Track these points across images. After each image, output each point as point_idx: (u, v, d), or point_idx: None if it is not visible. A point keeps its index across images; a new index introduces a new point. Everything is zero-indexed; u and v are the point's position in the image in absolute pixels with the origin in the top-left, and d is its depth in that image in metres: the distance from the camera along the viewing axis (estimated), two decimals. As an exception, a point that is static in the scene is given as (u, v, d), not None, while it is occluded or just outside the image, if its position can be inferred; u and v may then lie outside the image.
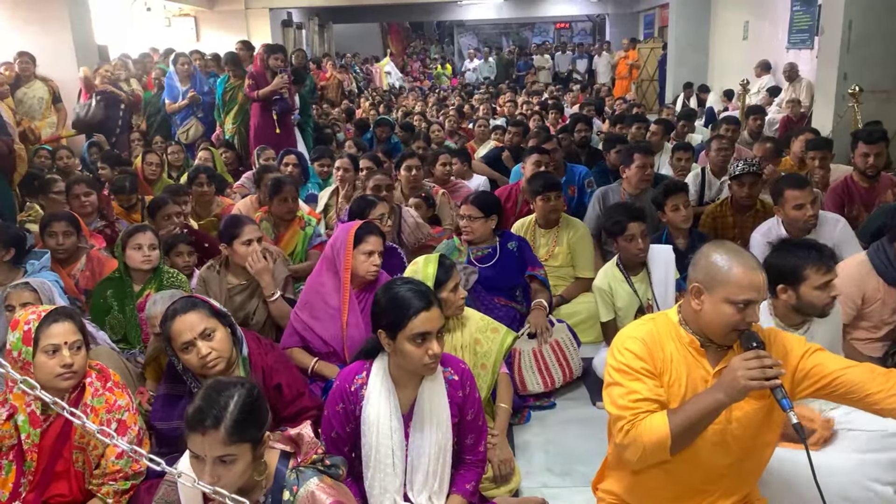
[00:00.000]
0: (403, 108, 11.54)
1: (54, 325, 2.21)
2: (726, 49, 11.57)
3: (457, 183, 5.49)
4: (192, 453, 1.70)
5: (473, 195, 3.65)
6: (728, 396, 1.68)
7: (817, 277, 2.35)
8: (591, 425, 3.02)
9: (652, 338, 1.85)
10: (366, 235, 2.92)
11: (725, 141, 5.30)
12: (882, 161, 4.19)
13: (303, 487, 1.78)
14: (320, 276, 3.01)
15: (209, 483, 1.64)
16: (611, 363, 1.87)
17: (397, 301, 2.07)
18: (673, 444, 1.72)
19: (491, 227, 3.60)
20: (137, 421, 2.32)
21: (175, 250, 3.78)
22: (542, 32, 24.80)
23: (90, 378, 2.28)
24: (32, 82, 6.70)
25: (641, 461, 1.80)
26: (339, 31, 20.81)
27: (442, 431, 2.13)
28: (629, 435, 1.77)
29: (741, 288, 1.72)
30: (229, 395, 1.72)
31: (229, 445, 1.67)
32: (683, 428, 1.72)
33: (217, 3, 12.96)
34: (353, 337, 2.89)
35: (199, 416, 1.68)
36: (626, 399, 1.79)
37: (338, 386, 2.20)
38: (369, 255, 2.90)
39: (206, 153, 6.15)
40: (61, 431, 2.22)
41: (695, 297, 1.80)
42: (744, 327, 1.74)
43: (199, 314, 2.26)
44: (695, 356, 1.84)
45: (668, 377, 1.83)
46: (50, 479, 2.23)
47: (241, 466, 1.70)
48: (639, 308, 3.32)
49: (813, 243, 2.46)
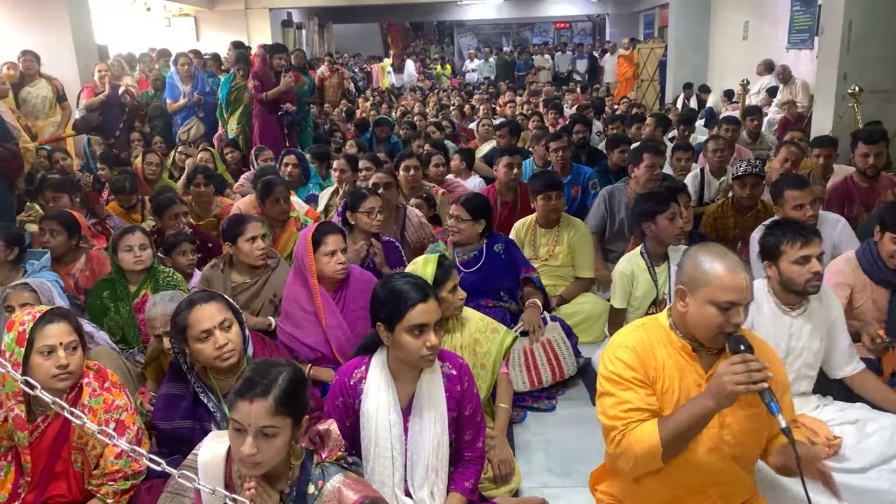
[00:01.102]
0: (401, 108, 11.54)
1: (49, 325, 2.19)
2: (726, 49, 11.57)
3: (453, 182, 5.51)
4: (235, 424, 1.71)
5: (464, 197, 3.63)
6: (716, 402, 1.67)
7: (793, 252, 2.39)
8: (591, 425, 2.99)
9: (643, 346, 1.84)
10: (323, 237, 2.94)
11: (722, 142, 5.31)
12: (882, 161, 4.19)
13: (329, 483, 1.80)
14: (294, 286, 3.04)
15: (248, 454, 1.67)
16: (602, 373, 1.87)
17: (395, 293, 2.09)
18: (664, 453, 1.73)
19: (478, 231, 3.53)
20: (136, 421, 2.32)
21: (178, 249, 3.78)
22: (542, 32, 24.83)
23: (88, 378, 2.27)
24: (37, 81, 6.70)
25: (634, 470, 1.80)
26: (339, 31, 20.83)
27: (440, 425, 2.14)
28: (620, 445, 1.78)
29: (723, 289, 1.72)
30: (279, 371, 1.77)
31: (275, 416, 1.69)
32: (673, 436, 1.72)
33: (217, 3, 12.98)
34: (338, 338, 2.92)
35: (250, 384, 1.72)
36: (618, 409, 1.79)
37: (337, 380, 2.22)
38: (332, 254, 2.93)
39: (206, 154, 6.15)
40: (59, 432, 2.21)
41: (680, 300, 1.81)
42: (729, 330, 1.73)
43: (219, 305, 2.29)
44: (687, 360, 1.83)
45: (660, 384, 1.82)
46: (49, 480, 2.22)
47: (281, 442, 1.72)
48: (653, 301, 3.32)
49: (794, 222, 2.52)
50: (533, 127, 7.65)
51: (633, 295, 3.34)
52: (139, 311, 3.28)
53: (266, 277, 3.44)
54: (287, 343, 3.00)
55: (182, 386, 2.36)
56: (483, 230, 3.55)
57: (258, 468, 1.71)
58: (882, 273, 2.90)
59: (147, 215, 4.93)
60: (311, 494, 1.78)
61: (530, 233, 4.13)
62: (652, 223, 3.31)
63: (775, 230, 2.48)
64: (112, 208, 5.04)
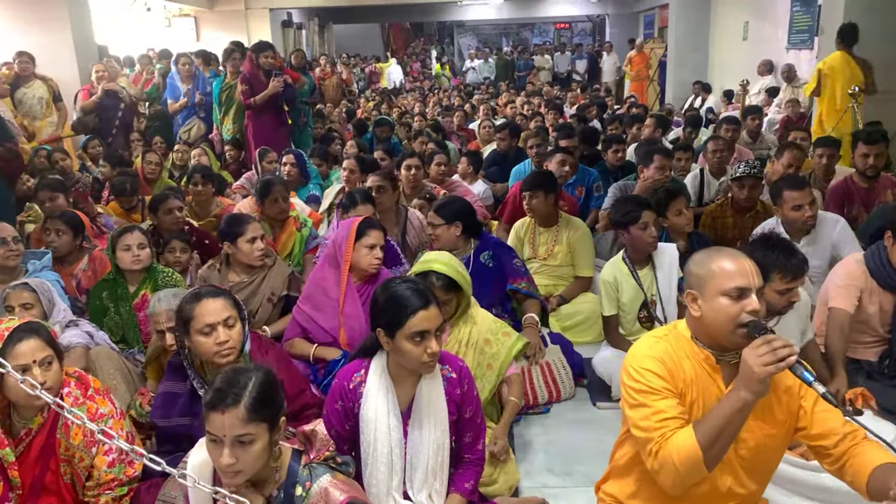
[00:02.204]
0: (399, 108, 11.52)
1: (19, 344, 2.08)
2: (726, 49, 11.57)
3: (453, 182, 5.46)
4: (211, 436, 1.71)
5: (437, 202, 3.57)
6: (750, 391, 1.60)
7: (780, 283, 2.40)
8: (591, 425, 3.03)
9: (671, 357, 1.79)
10: (368, 229, 3.04)
11: (722, 142, 5.30)
12: (881, 161, 4.19)
13: (316, 484, 1.79)
14: (322, 271, 3.15)
15: (227, 465, 1.66)
16: (630, 385, 1.79)
17: (396, 300, 2.07)
18: (706, 457, 1.64)
19: (455, 234, 3.42)
20: (124, 426, 2.27)
21: (168, 247, 3.78)
22: (542, 33, 24.82)
23: (68, 388, 2.20)
24: (32, 82, 6.68)
25: (678, 483, 1.70)
26: (339, 31, 20.82)
27: (440, 429, 2.13)
28: (659, 457, 1.69)
29: (729, 276, 1.70)
30: (248, 377, 1.75)
31: (248, 424, 1.68)
32: (712, 437, 1.64)
33: (217, 3, 12.97)
34: (352, 327, 2.99)
35: (220, 395, 1.70)
36: (653, 420, 1.72)
37: (337, 384, 2.21)
38: (371, 248, 3.02)
39: (200, 151, 6.15)
40: (45, 444, 2.16)
41: (692, 304, 1.78)
42: (746, 320, 1.68)
43: (225, 302, 2.31)
44: (709, 373, 1.79)
45: (689, 397, 1.77)
46: (39, 493, 2.17)
47: (259, 447, 1.71)
48: (643, 304, 3.31)
49: (789, 246, 2.47)
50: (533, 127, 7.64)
51: (621, 301, 3.33)
52: (139, 310, 3.28)
53: (263, 276, 3.44)
54: (303, 323, 3.10)
55: (180, 383, 2.37)
56: (467, 232, 3.45)
57: (240, 476, 1.70)
58: (890, 278, 2.89)
59: (147, 215, 4.94)
60: (298, 496, 1.77)
61: (530, 232, 4.14)
62: (625, 232, 3.33)
63: (768, 252, 2.42)
64: (112, 209, 5.04)
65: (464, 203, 3.60)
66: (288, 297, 3.46)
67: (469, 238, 3.51)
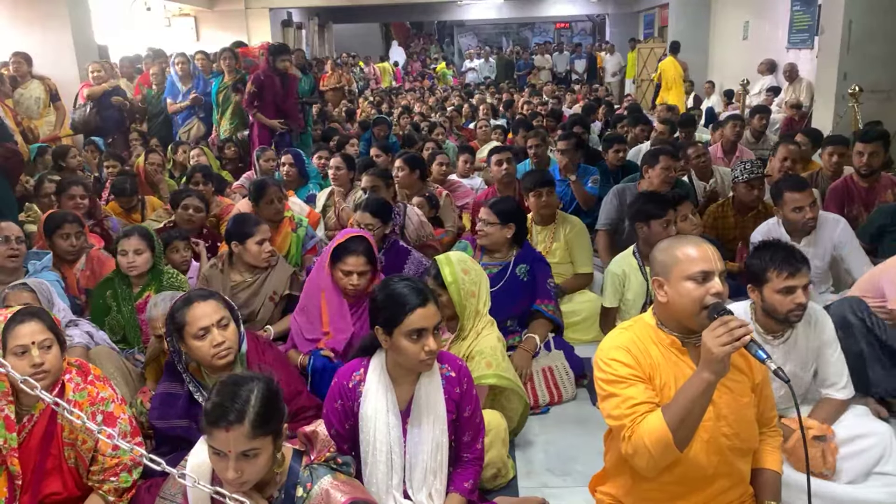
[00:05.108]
0: (398, 108, 11.51)
1: (20, 326, 2.14)
2: (726, 49, 11.57)
3: (454, 182, 5.50)
4: (214, 449, 1.69)
5: (493, 200, 3.53)
6: (711, 372, 1.67)
7: (778, 281, 2.31)
8: (591, 425, 3.02)
9: (634, 344, 1.86)
10: (344, 256, 2.95)
11: (702, 147, 5.26)
12: (877, 160, 4.17)
13: (317, 485, 1.79)
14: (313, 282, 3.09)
15: (232, 478, 1.65)
16: (599, 377, 1.88)
17: (393, 297, 2.08)
18: (675, 439, 1.71)
19: (506, 237, 3.39)
20: (126, 410, 2.29)
21: (171, 246, 3.78)
22: (543, 32, 24.82)
23: (69, 374, 2.24)
24: (29, 82, 6.67)
25: (652, 466, 1.78)
26: (339, 31, 20.80)
27: (439, 428, 2.14)
28: (632, 442, 1.77)
29: (692, 261, 1.77)
30: (249, 390, 1.72)
31: (254, 439, 1.67)
32: (680, 418, 1.71)
33: (217, 3, 12.96)
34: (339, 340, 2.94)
35: (221, 411, 1.67)
36: (623, 407, 1.79)
37: (336, 383, 2.21)
38: (347, 274, 2.94)
39: (200, 153, 6.15)
40: (46, 430, 2.18)
41: (659, 290, 1.84)
42: (711, 301, 1.73)
43: (216, 303, 2.30)
44: (678, 356, 1.85)
45: (658, 380, 1.84)
46: (42, 478, 2.19)
47: (264, 459, 1.71)
48: (646, 301, 3.30)
49: (785, 246, 2.41)
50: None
51: (625, 296, 3.33)
52: (142, 311, 3.27)
53: (265, 276, 3.46)
54: (294, 334, 3.08)
55: (177, 385, 2.37)
56: (514, 238, 3.42)
57: (245, 485, 1.70)
58: None
59: (147, 215, 4.93)
60: (298, 497, 1.78)
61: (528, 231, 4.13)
62: (645, 225, 3.31)
63: (763, 254, 2.39)
64: (112, 209, 5.03)
65: (518, 206, 3.56)
66: (290, 296, 3.47)
67: (513, 244, 3.47)
